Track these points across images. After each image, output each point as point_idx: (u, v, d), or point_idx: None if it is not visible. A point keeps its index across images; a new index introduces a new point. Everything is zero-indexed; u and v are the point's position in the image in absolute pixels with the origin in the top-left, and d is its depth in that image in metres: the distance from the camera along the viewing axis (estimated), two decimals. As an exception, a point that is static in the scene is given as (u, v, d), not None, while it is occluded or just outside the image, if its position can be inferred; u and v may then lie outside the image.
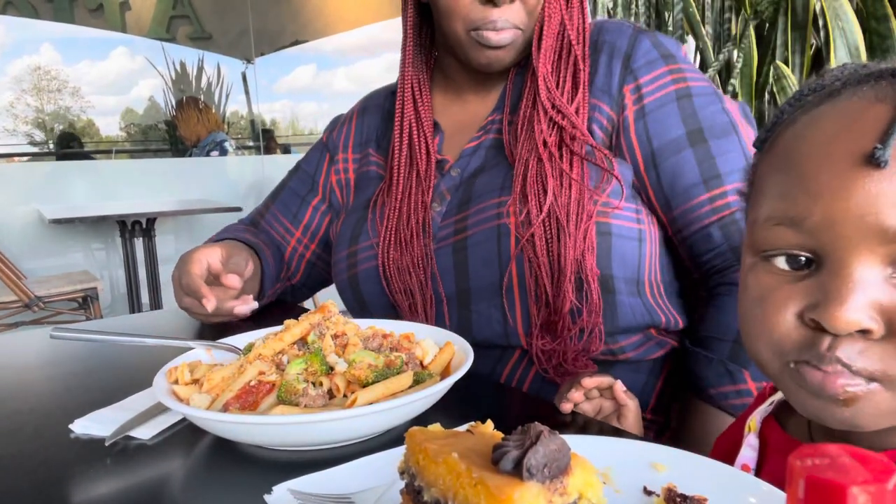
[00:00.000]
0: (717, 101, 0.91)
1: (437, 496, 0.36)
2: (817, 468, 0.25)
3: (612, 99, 0.92)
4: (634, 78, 0.91)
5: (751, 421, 0.55)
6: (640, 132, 0.90)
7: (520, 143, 0.92)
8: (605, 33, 0.95)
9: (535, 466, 0.32)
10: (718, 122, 0.89)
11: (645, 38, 0.93)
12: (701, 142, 0.88)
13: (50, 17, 5.88)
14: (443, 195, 0.98)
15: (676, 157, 0.89)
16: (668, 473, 0.46)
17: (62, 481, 0.57)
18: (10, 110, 6.17)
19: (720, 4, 2.35)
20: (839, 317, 0.39)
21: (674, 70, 0.92)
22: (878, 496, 0.24)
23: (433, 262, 0.94)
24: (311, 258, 1.17)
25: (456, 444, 0.36)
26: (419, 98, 1.02)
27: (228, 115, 6.89)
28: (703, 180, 0.88)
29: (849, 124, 0.41)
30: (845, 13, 1.85)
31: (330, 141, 1.17)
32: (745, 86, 2.18)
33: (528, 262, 0.86)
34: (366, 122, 1.15)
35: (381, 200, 1.02)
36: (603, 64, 0.93)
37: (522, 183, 0.88)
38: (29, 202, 4.44)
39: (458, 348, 0.72)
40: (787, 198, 0.43)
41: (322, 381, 0.64)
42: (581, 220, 0.85)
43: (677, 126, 0.89)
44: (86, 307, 3.61)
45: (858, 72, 0.45)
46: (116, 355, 0.92)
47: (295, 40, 6.93)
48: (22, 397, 0.79)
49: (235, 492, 0.55)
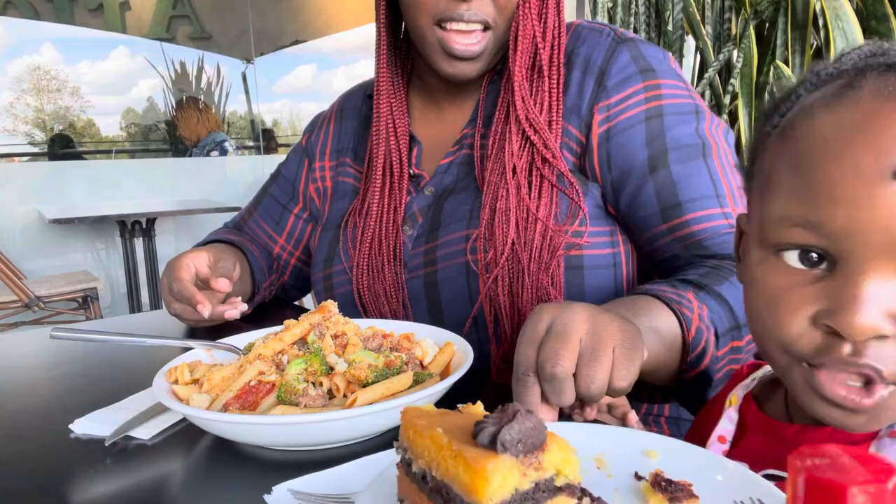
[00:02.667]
0: (691, 122, 0.84)
1: (423, 467, 0.38)
2: (817, 468, 0.25)
3: (581, 119, 0.87)
4: (607, 96, 0.86)
5: (732, 396, 0.55)
6: (602, 158, 0.86)
7: (489, 166, 0.88)
8: (581, 43, 0.90)
9: (510, 441, 0.34)
10: (686, 143, 0.83)
11: (624, 51, 0.87)
12: (663, 166, 0.83)
13: (50, 17, 5.89)
14: (414, 217, 0.95)
15: (636, 185, 0.84)
16: (659, 460, 0.47)
17: (62, 481, 0.57)
18: (10, 110, 6.17)
19: (720, 4, 2.35)
20: (856, 324, 0.40)
21: (650, 87, 0.85)
22: (878, 496, 0.24)
23: (405, 291, 0.93)
24: (297, 263, 1.16)
25: (443, 421, 0.38)
26: (395, 106, 0.97)
27: (228, 115, 6.89)
28: (661, 210, 0.83)
29: (875, 133, 0.40)
30: (845, 13, 1.85)
31: (309, 146, 1.15)
32: (745, 86, 2.18)
33: (489, 302, 0.85)
34: (343, 126, 1.12)
35: (352, 220, 1.00)
36: (575, 81, 0.88)
37: (490, 216, 0.85)
38: (29, 202, 4.44)
39: (458, 348, 0.72)
40: (806, 200, 0.42)
41: (322, 381, 0.64)
42: (544, 258, 0.83)
43: (640, 150, 0.84)
44: (86, 307, 3.61)
45: (878, 59, 0.44)
46: (116, 355, 0.92)
47: (295, 40, 6.93)
48: (22, 397, 0.79)
49: (235, 492, 0.55)
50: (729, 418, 0.54)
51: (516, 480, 0.35)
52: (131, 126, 7.19)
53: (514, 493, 0.35)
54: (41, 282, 3.57)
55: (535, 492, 0.36)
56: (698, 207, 0.81)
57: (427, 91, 1.01)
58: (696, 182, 0.81)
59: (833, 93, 0.44)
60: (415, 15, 0.87)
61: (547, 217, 0.85)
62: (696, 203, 0.81)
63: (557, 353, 0.52)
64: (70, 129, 6.68)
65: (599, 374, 0.52)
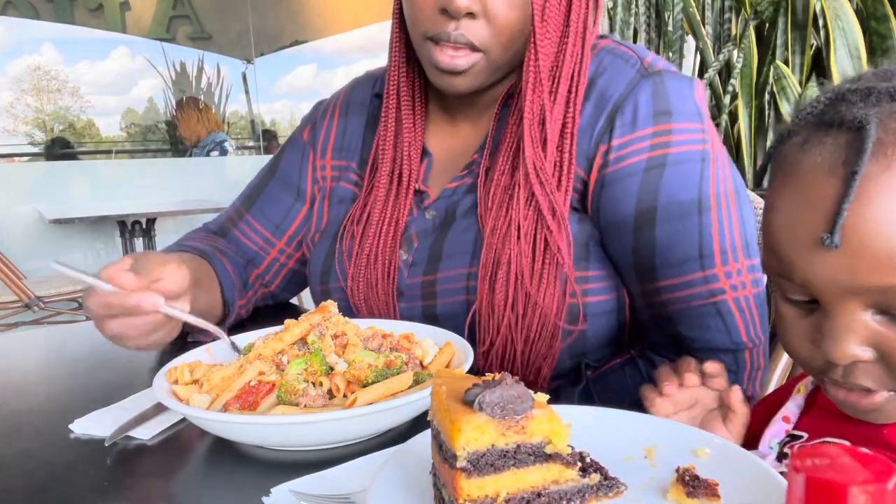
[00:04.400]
0: (694, 173, 0.78)
1: (432, 420, 0.45)
2: (817, 468, 0.25)
3: (585, 156, 0.82)
4: (610, 138, 0.80)
5: (801, 385, 0.61)
6: (595, 203, 0.82)
7: (493, 210, 0.82)
8: (601, 72, 0.83)
9: (488, 403, 0.40)
10: (681, 200, 0.78)
11: (645, 88, 0.80)
12: (648, 226, 0.79)
13: (50, 17, 5.89)
14: (410, 240, 0.90)
15: (619, 240, 0.81)
16: (705, 460, 0.48)
17: (62, 481, 0.57)
18: (10, 110, 6.17)
19: (720, 4, 2.35)
20: (837, 354, 0.47)
21: (660, 132, 0.79)
22: (878, 496, 0.24)
23: (397, 310, 0.90)
24: (293, 266, 1.08)
25: (455, 385, 0.43)
26: (407, 112, 0.92)
27: (228, 115, 6.90)
28: (636, 272, 0.81)
29: (805, 201, 0.47)
30: (845, 13, 1.85)
31: (311, 139, 1.06)
32: (745, 86, 2.18)
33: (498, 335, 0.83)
34: (349, 123, 1.03)
35: (349, 230, 0.94)
36: (587, 114, 0.82)
37: (493, 268, 0.81)
38: (29, 202, 4.44)
39: (458, 348, 0.72)
40: (772, 254, 0.50)
41: (322, 381, 0.64)
42: (539, 349, 0.81)
43: (630, 204, 0.79)
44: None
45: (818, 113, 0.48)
46: (116, 355, 0.92)
47: (295, 40, 6.93)
48: (22, 397, 0.79)
49: (235, 492, 0.55)
50: (796, 403, 0.60)
51: (493, 437, 0.40)
52: (131, 126, 7.19)
53: (491, 448, 0.40)
54: (41, 282, 3.57)
55: (517, 453, 0.40)
56: (673, 274, 0.79)
57: (443, 104, 0.95)
58: (678, 246, 0.78)
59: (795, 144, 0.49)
60: (410, 27, 0.84)
61: (548, 303, 0.80)
62: (673, 269, 0.78)
63: None
64: (70, 129, 6.69)
65: None
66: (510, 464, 0.40)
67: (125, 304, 0.71)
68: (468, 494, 0.40)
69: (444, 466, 0.42)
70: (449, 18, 0.78)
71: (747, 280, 0.79)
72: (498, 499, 0.40)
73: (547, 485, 0.41)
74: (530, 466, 0.41)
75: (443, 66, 0.81)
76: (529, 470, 0.41)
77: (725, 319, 0.78)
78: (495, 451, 0.40)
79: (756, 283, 0.80)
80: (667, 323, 0.81)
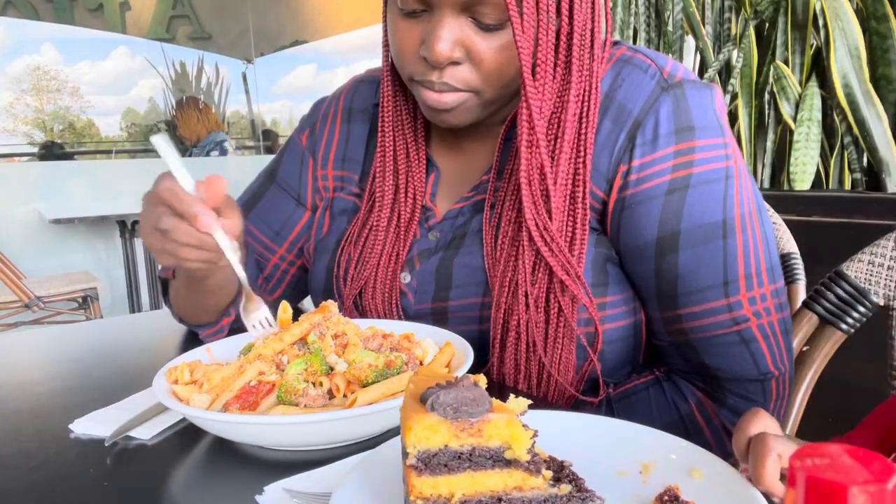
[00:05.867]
0: (719, 193, 0.75)
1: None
2: (817, 468, 0.25)
3: (604, 176, 0.78)
4: (631, 158, 0.76)
5: None
6: (614, 226, 0.79)
7: (500, 269, 0.78)
8: (619, 85, 0.78)
9: (440, 404, 0.40)
10: (704, 223, 0.75)
11: (667, 102, 0.76)
12: (671, 252, 0.76)
13: (50, 17, 5.89)
14: (412, 262, 0.86)
15: (640, 265, 0.78)
16: (699, 481, 0.47)
17: (62, 481, 0.57)
18: (10, 110, 6.17)
19: (720, 4, 2.35)
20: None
21: (682, 151, 0.75)
22: (878, 496, 0.24)
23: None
24: (296, 273, 1.06)
25: (425, 384, 0.42)
26: (408, 127, 0.88)
27: (228, 115, 6.90)
28: (658, 298, 0.78)
29: None
30: (845, 13, 1.85)
31: (311, 144, 1.02)
32: (745, 86, 2.18)
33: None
34: (352, 130, 0.99)
35: (347, 252, 0.91)
36: (605, 131, 0.77)
37: (503, 332, 0.79)
38: (29, 202, 4.44)
39: (458, 348, 0.72)
40: None
41: (322, 381, 0.64)
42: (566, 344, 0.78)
43: (652, 229, 0.76)
44: (86, 307, 3.61)
45: None
46: (116, 355, 0.93)
47: (295, 40, 6.93)
48: (22, 397, 0.79)
49: (235, 492, 0.55)
50: None
51: (445, 438, 0.40)
52: (131, 126, 7.19)
53: (444, 449, 0.40)
54: (41, 282, 3.57)
55: (473, 455, 0.41)
56: (695, 301, 0.76)
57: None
58: (702, 271, 0.75)
59: None
60: (396, 67, 0.82)
61: (563, 372, 0.78)
62: (695, 296, 0.76)
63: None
64: (70, 129, 6.69)
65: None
66: (466, 466, 0.41)
67: (189, 205, 0.71)
68: (420, 492, 0.41)
69: (402, 463, 0.42)
70: (432, 67, 0.75)
71: (771, 305, 0.77)
72: (452, 499, 0.41)
73: (508, 490, 0.41)
74: (489, 470, 0.41)
75: (430, 103, 0.77)
76: (488, 474, 0.41)
77: (750, 347, 0.76)
78: (448, 452, 0.40)
79: (781, 307, 0.78)
80: (689, 351, 0.79)
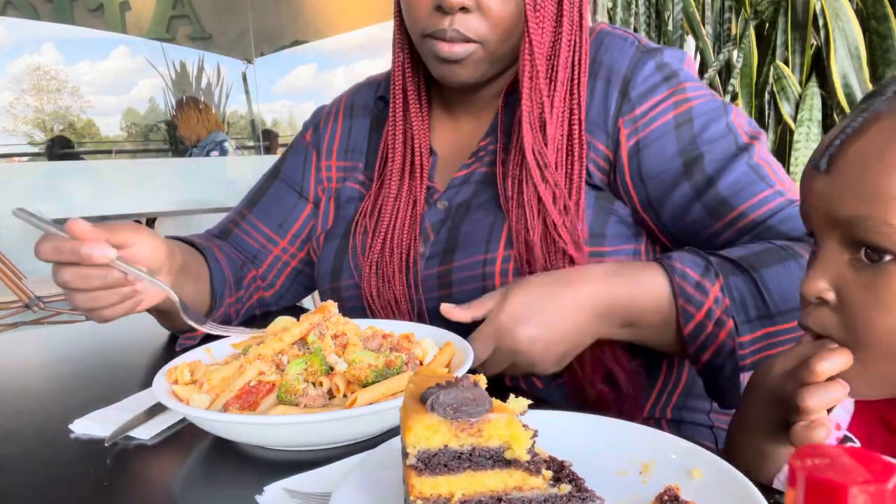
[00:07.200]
0: (721, 118, 0.82)
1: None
2: (817, 468, 0.25)
3: (608, 134, 0.84)
4: (632, 108, 0.83)
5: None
6: (634, 171, 0.84)
7: (512, 201, 0.84)
8: (604, 51, 0.87)
9: (440, 404, 0.40)
10: (719, 139, 0.81)
11: (649, 61, 0.84)
12: (699, 171, 0.81)
13: (50, 17, 5.89)
14: (426, 233, 0.91)
15: (675, 193, 0.82)
16: (699, 481, 0.47)
17: (62, 481, 0.57)
18: (10, 110, 6.17)
19: (720, 4, 2.35)
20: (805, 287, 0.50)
21: (677, 91, 0.83)
22: (878, 496, 0.24)
23: (419, 306, 0.89)
24: (297, 266, 1.08)
25: (425, 384, 0.42)
26: (414, 107, 0.93)
27: (228, 115, 6.90)
28: (707, 212, 0.81)
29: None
30: (845, 13, 1.85)
31: (314, 140, 1.07)
32: (745, 86, 2.18)
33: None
34: (354, 125, 1.05)
35: (362, 224, 0.95)
36: (599, 92, 0.85)
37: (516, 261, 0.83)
38: (29, 202, 4.44)
39: (458, 348, 0.72)
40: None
41: (322, 381, 0.64)
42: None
43: (673, 159, 0.82)
44: (86, 307, 3.60)
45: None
46: (116, 355, 0.93)
47: (295, 40, 6.93)
48: (22, 397, 0.79)
49: (235, 492, 0.55)
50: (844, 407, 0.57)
51: (445, 438, 0.40)
52: (131, 126, 7.19)
53: (444, 449, 0.40)
54: (41, 282, 3.57)
55: (473, 455, 0.41)
56: (748, 196, 0.80)
57: (445, 102, 0.97)
58: (736, 175, 0.80)
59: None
60: (408, 28, 0.87)
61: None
62: (743, 193, 0.80)
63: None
64: (70, 129, 6.69)
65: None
66: (465, 466, 0.41)
67: (77, 250, 0.68)
68: (420, 492, 0.41)
69: (402, 463, 0.43)
70: (444, 14, 0.81)
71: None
72: (452, 499, 0.41)
73: (508, 490, 0.41)
74: (489, 470, 0.41)
75: (443, 55, 0.83)
76: (488, 474, 0.41)
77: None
78: (448, 452, 0.40)
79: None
80: (766, 232, 0.80)
